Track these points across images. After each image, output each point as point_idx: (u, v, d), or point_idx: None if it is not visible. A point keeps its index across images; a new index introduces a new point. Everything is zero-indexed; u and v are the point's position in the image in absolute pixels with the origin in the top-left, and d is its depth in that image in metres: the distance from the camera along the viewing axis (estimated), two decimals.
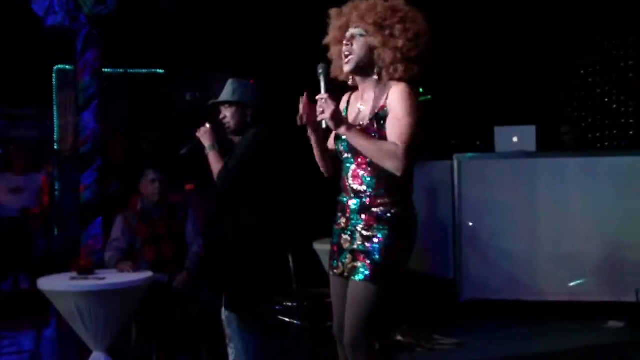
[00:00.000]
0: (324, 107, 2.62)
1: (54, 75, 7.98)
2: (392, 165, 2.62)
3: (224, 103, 3.77)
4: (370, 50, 2.76)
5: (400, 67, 2.74)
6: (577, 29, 8.29)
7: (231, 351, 3.69)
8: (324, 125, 2.66)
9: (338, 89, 2.92)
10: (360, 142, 2.67)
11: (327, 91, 2.68)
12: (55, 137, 7.92)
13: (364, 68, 2.79)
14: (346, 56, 2.78)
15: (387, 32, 2.72)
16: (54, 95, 7.96)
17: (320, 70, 2.75)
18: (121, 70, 8.05)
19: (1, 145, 8.14)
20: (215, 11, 7.43)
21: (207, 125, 3.79)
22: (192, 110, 7.92)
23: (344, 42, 2.79)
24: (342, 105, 2.96)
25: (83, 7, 5.91)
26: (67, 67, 7.62)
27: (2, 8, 6.66)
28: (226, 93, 3.78)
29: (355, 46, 2.76)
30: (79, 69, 6.04)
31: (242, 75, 3.88)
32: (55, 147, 7.92)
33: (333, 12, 2.92)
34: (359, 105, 2.86)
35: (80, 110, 6.07)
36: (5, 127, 8.36)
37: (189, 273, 4.73)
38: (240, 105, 3.74)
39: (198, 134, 3.79)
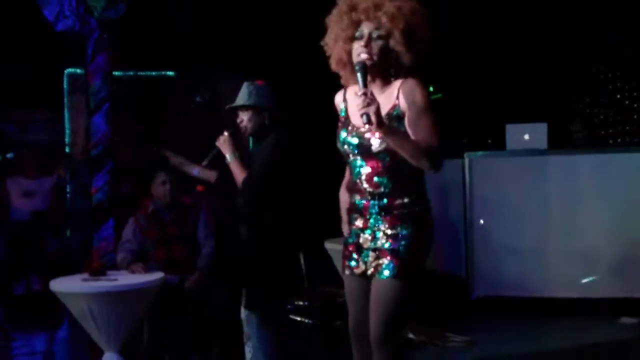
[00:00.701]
0: (370, 102, 2.47)
1: (65, 79, 8.02)
2: (429, 163, 2.58)
3: (240, 107, 3.76)
4: (388, 52, 2.69)
5: (416, 68, 2.72)
6: (588, 25, 8.25)
7: (248, 349, 3.71)
8: (365, 120, 2.48)
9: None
10: (399, 141, 2.57)
11: (365, 87, 2.54)
12: (66, 140, 7.95)
13: (376, 69, 2.71)
14: (368, 58, 2.67)
15: (411, 36, 2.67)
16: (65, 99, 8.00)
17: (357, 67, 2.60)
18: (132, 73, 8.08)
19: (13, 149, 8.19)
20: (225, 13, 7.45)
21: (226, 134, 3.77)
22: (202, 112, 7.96)
23: (363, 43, 2.68)
24: (340, 105, 2.91)
25: (93, 11, 5.92)
26: (78, 71, 7.66)
27: (13, 13, 6.71)
28: (242, 96, 3.75)
29: (374, 48, 2.68)
30: (90, 72, 6.06)
31: (253, 78, 3.87)
32: (67, 150, 7.96)
33: (344, 5, 2.77)
34: None
35: (91, 113, 6.09)
36: (16, 131, 8.41)
37: (200, 274, 4.75)
38: (257, 109, 3.73)
39: (217, 143, 3.77)
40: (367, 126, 2.49)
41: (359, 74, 2.57)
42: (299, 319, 5.02)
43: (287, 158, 3.66)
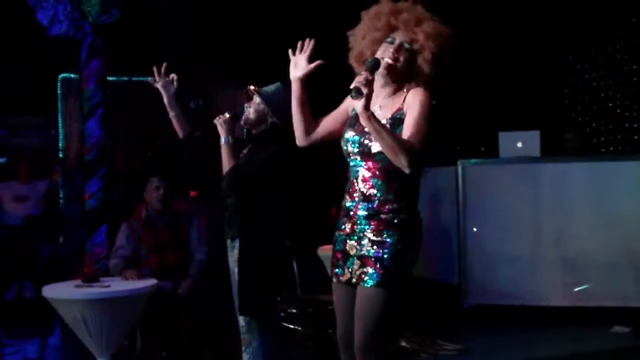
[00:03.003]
0: (368, 82, 2.50)
1: (59, 83, 7.98)
2: (404, 160, 2.56)
3: (259, 94, 3.71)
4: (413, 65, 2.76)
5: (433, 81, 2.78)
6: (581, 33, 8.29)
7: (247, 355, 3.69)
8: (354, 93, 2.49)
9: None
10: (379, 128, 2.55)
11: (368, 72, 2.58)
12: (60, 145, 7.92)
13: (395, 76, 2.78)
14: (392, 63, 2.74)
15: (438, 58, 2.75)
16: (59, 104, 7.96)
17: (371, 60, 2.65)
18: (125, 78, 8.06)
19: (5, 154, 8.15)
20: (220, 19, 7.45)
21: (227, 115, 3.73)
22: (196, 118, 7.92)
23: (393, 50, 2.74)
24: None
25: (87, 16, 5.93)
26: (72, 75, 7.62)
27: (7, 17, 6.70)
28: (269, 88, 3.74)
29: (402, 57, 2.75)
30: (84, 77, 6.06)
31: (248, 83, 3.85)
32: (60, 155, 7.93)
33: (387, 7, 2.84)
34: (375, 107, 2.75)
35: (85, 118, 6.09)
36: (10, 135, 8.37)
37: (193, 280, 4.75)
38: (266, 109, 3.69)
39: (216, 121, 3.72)
40: (351, 99, 2.52)
41: (369, 64, 2.62)
42: (291, 326, 5.01)
43: (283, 169, 3.63)
